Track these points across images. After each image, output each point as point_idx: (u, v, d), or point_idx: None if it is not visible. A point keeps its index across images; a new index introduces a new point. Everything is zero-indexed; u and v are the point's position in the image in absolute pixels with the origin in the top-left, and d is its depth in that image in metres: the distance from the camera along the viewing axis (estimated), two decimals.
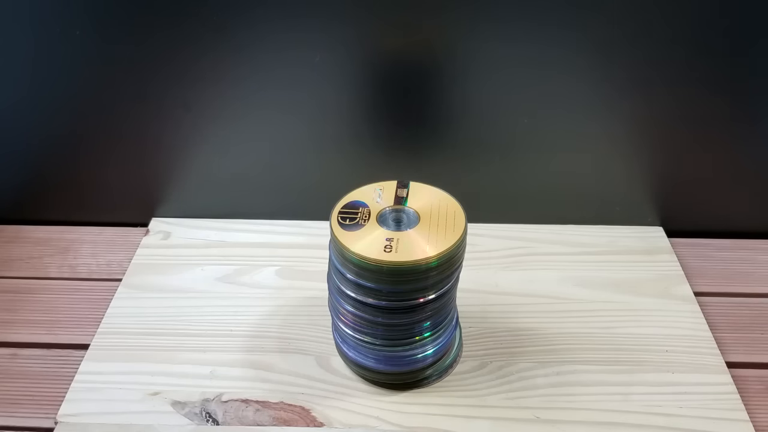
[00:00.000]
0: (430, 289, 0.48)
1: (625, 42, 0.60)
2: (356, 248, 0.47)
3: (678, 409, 0.53)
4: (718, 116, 0.65)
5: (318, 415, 0.53)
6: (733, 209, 0.71)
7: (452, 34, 0.61)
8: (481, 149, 0.68)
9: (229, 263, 0.68)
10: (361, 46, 0.62)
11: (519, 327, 0.60)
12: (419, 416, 0.53)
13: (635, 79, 0.62)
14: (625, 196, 0.71)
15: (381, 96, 0.65)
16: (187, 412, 0.53)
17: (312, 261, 0.68)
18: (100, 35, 0.62)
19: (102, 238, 0.73)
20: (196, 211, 0.74)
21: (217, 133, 0.68)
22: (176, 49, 0.62)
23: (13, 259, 0.70)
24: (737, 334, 0.60)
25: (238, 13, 0.60)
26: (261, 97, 0.65)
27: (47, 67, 0.64)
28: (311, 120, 0.67)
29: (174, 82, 0.64)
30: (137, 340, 0.60)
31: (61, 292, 0.66)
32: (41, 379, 0.57)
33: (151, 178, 0.72)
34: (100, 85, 0.65)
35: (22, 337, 0.61)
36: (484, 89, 0.64)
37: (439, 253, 0.46)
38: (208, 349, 0.59)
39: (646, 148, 0.67)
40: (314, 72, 0.63)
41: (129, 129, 0.68)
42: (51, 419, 0.53)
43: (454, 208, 0.50)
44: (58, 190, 0.73)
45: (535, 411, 0.53)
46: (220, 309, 0.63)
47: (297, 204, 0.73)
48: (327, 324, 0.60)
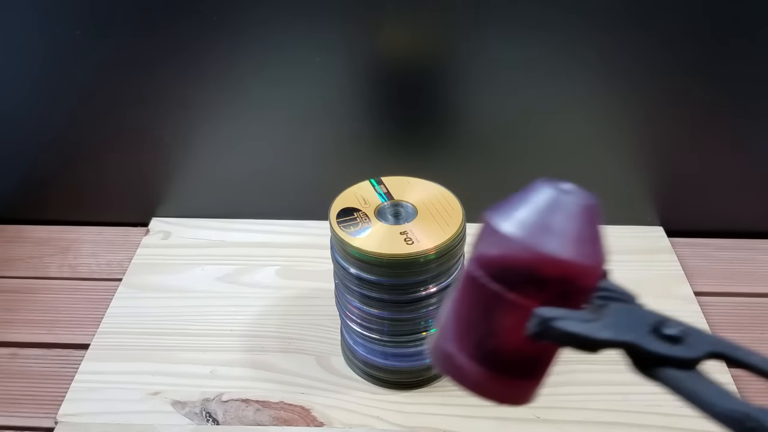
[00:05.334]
0: (431, 281, 0.49)
1: (626, 42, 0.60)
2: (356, 242, 0.47)
3: (678, 409, 0.53)
4: (719, 116, 0.65)
5: (318, 415, 0.53)
6: (734, 209, 0.71)
7: (453, 34, 0.61)
8: (482, 149, 0.68)
9: (229, 263, 0.68)
10: (361, 46, 0.62)
11: None
12: (419, 416, 0.53)
13: (635, 79, 0.62)
14: (625, 196, 0.71)
15: (381, 96, 0.65)
16: (187, 411, 0.53)
17: (312, 261, 0.68)
18: (100, 35, 0.62)
19: (102, 238, 0.73)
20: (196, 211, 0.74)
21: (217, 133, 0.68)
22: (176, 49, 0.62)
23: (13, 259, 0.70)
24: (738, 334, 0.60)
25: (238, 14, 0.60)
26: (261, 97, 0.65)
27: (47, 67, 0.64)
28: (311, 120, 0.67)
29: (174, 82, 0.64)
30: (137, 340, 0.60)
31: (61, 291, 0.66)
32: (41, 379, 0.57)
33: (151, 178, 0.72)
34: (100, 85, 0.65)
35: (22, 337, 0.61)
36: (484, 89, 0.64)
37: (438, 245, 0.47)
38: (208, 349, 0.59)
39: (647, 148, 0.67)
40: (314, 72, 0.63)
41: (129, 129, 0.68)
42: (51, 419, 0.53)
43: (451, 202, 0.51)
44: (59, 190, 0.73)
45: (535, 411, 0.53)
46: (220, 309, 0.63)
47: (297, 204, 0.73)
48: (327, 324, 0.60)
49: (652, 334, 0.24)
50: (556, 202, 0.25)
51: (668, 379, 0.23)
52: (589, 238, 0.25)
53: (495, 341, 0.25)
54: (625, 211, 0.72)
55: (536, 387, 0.26)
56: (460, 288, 0.26)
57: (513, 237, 0.24)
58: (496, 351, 0.25)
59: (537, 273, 0.24)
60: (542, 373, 0.26)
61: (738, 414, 0.21)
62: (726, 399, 0.22)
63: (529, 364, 0.26)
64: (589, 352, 0.24)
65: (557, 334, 0.23)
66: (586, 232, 0.25)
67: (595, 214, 0.26)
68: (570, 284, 0.24)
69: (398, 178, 0.53)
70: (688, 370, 0.23)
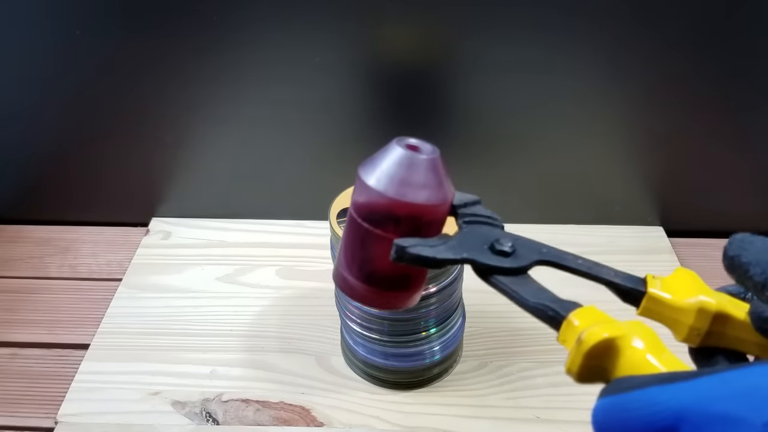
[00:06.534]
0: (431, 281, 0.49)
1: (626, 42, 0.60)
2: None
3: None
4: (719, 116, 0.65)
5: (318, 415, 0.53)
6: (734, 209, 0.71)
7: (453, 34, 0.61)
8: (482, 149, 0.68)
9: (229, 263, 0.68)
10: (361, 46, 0.62)
11: (519, 327, 0.60)
12: (419, 416, 0.53)
13: (635, 79, 0.62)
14: (625, 196, 0.71)
15: (382, 96, 0.65)
16: (187, 412, 0.53)
17: (312, 261, 0.68)
18: (100, 35, 0.62)
19: (102, 238, 0.73)
20: (196, 211, 0.74)
21: (217, 132, 0.68)
22: (176, 48, 0.62)
23: (13, 259, 0.70)
24: None
25: (238, 13, 0.60)
26: (261, 97, 0.65)
27: (47, 67, 0.64)
28: (311, 120, 0.67)
29: (174, 81, 0.64)
30: (137, 340, 0.60)
31: (61, 291, 0.66)
32: (41, 379, 0.57)
33: (151, 178, 0.72)
34: (100, 85, 0.65)
35: (22, 337, 0.61)
36: (485, 89, 0.64)
37: None
38: (208, 349, 0.59)
39: (646, 147, 0.67)
40: (314, 72, 0.63)
41: (129, 129, 0.68)
42: (51, 419, 0.53)
43: None
44: (59, 190, 0.73)
45: (535, 411, 0.53)
46: (220, 309, 0.63)
47: (297, 204, 0.73)
48: (327, 324, 0.60)
49: (489, 250, 0.30)
50: (405, 157, 0.31)
51: (499, 284, 0.29)
52: (431, 183, 0.31)
53: (371, 266, 0.32)
54: (625, 211, 0.72)
55: (410, 296, 0.34)
56: (346, 227, 0.34)
57: (373, 187, 0.31)
58: (373, 272, 0.33)
59: (392, 213, 0.31)
60: (412, 286, 0.34)
61: (541, 306, 0.27)
62: (537, 295, 0.28)
63: (399, 280, 0.33)
64: (436, 268, 0.31)
65: (410, 257, 0.29)
66: (429, 179, 0.31)
67: (437, 164, 0.32)
68: (418, 220, 0.31)
69: None
70: (517, 276, 0.29)
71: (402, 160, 0.31)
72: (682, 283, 0.29)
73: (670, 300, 0.28)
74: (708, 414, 0.19)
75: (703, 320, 0.27)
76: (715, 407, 0.19)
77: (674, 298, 0.28)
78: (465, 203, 0.33)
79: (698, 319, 0.27)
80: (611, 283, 0.30)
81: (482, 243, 0.30)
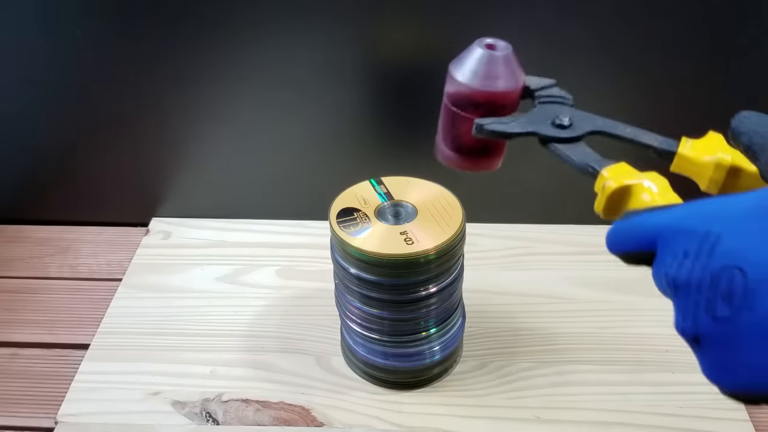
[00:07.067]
0: (431, 281, 0.49)
1: (626, 42, 0.60)
2: (356, 242, 0.47)
3: (678, 409, 0.53)
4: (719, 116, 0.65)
5: (318, 415, 0.53)
6: None
7: (453, 33, 0.61)
8: None
9: (229, 263, 0.68)
10: (361, 46, 0.62)
11: (519, 327, 0.60)
12: (419, 416, 0.53)
13: (635, 78, 0.62)
14: None
15: (381, 96, 0.65)
16: (188, 412, 0.53)
17: (312, 261, 0.68)
18: (100, 35, 0.62)
19: (102, 238, 0.73)
20: (196, 211, 0.74)
21: (217, 133, 0.68)
22: (176, 48, 0.62)
23: (13, 259, 0.70)
24: None
25: (238, 13, 0.60)
26: (261, 97, 0.65)
27: (47, 67, 0.64)
28: (311, 120, 0.67)
29: (173, 81, 0.64)
30: (137, 340, 0.60)
31: (61, 292, 0.66)
32: (41, 379, 0.57)
33: (151, 178, 0.72)
34: (100, 85, 0.65)
35: (22, 337, 0.61)
36: None
37: (438, 245, 0.47)
38: (208, 349, 0.59)
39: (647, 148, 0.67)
40: (315, 72, 0.63)
41: (129, 129, 0.68)
42: (51, 419, 0.53)
43: (451, 202, 0.51)
44: (59, 190, 0.73)
45: (535, 411, 0.53)
46: (220, 309, 0.63)
47: (297, 204, 0.73)
48: (327, 324, 0.60)
49: (550, 124, 0.38)
50: (483, 55, 0.39)
51: (556, 150, 0.37)
52: (504, 74, 0.39)
53: (460, 140, 0.41)
54: None
55: (491, 162, 0.43)
56: (441, 112, 0.42)
57: (458, 80, 0.39)
58: (462, 144, 0.41)
59: (474, 100, 0.39)
60: (493, 154, 0.42)
61: (583, 164, 0.35)
62: (584, 156, 0.35)
63: (482, 149, 0.42)
64: (508, 140, 0.38)
65: (487, 132, 0.38)
66: (502, 71, 0.39)
67: (509, 58, 0.39)
68: (493, 104, 0.39)
69: (398, 178, 0.53)
70: (572, 144, 0.37)
71: (481, 58, 0.39)
72: (709, 144, 0.35)
73: (694, 157, 0.35)
74: (675, 229, 0.26)
75: (720, 173, 0.33)
76: (680, 224, 0.26)
77: (697, 155, 0.35)
78: (542, 86, 0.40)
79: (716, 172, 0.33)
80: (651, 146, 0.37)
81: (546, 118, 0.38)
